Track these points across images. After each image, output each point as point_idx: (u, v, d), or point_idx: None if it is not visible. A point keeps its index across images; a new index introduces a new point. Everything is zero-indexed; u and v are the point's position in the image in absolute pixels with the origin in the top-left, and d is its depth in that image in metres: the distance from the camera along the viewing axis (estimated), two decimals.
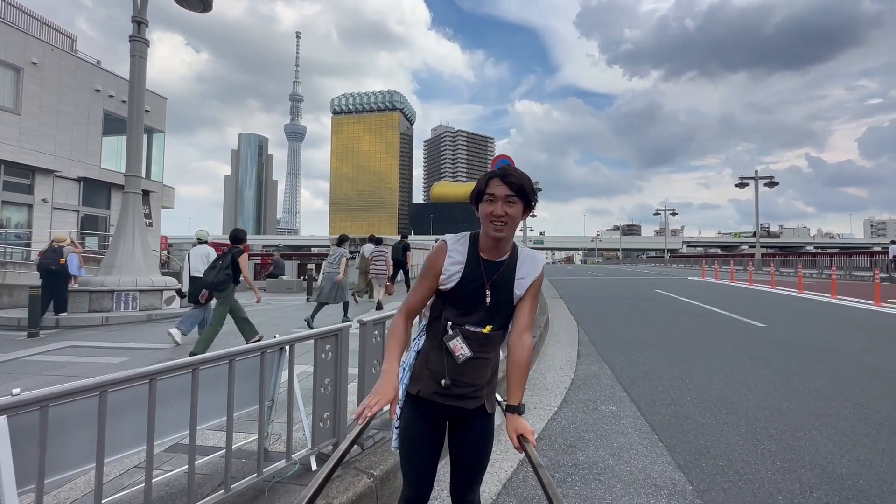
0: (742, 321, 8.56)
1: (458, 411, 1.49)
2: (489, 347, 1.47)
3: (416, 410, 1.51)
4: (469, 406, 1.48)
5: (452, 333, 1.44)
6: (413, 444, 1.52)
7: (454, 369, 1.44)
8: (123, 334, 7.14)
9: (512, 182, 1.39)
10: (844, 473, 2.70)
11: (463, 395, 1.46)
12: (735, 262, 32.29)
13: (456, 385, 1.45)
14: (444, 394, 1.45)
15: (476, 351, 1.44)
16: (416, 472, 1.54)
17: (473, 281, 1.44)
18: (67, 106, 17.65)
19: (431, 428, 1.52)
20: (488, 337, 1.45)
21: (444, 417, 1.53)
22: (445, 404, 1.47)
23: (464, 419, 1.52)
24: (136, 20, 9.54)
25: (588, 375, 5.01)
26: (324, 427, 2.53)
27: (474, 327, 1.44)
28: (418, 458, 1.53)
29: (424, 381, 1.48)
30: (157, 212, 21.82)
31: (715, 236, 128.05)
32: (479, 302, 1.44)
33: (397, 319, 1.50)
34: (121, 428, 1.82)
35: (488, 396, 1.52)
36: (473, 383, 1.47)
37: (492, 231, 1.42)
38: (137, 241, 9.53)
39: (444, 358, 1.45)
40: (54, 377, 4.61)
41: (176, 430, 2.08)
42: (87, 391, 1.63)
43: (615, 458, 2.97)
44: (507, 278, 1.46)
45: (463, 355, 1.43)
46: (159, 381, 1.84)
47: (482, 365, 1.47)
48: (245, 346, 2.20)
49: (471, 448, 1.54)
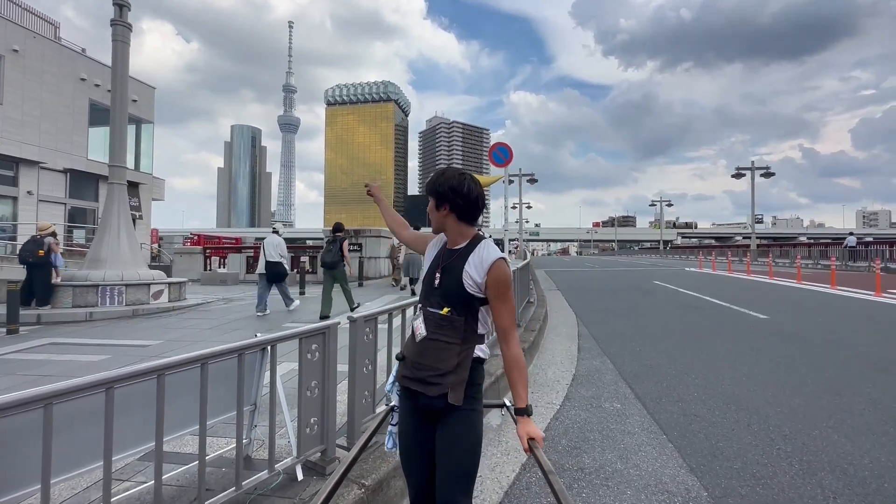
0: (743, 312, 8.43)
1: (427, 400, 1.50)
2: (448, 331, 1.50)
3: (403, 402, 1.60)
4: (430, 393, 1.49)
5: (417, 314, 1.61)
6: (407, 441, 1.57)
7: (414, 349, 1.54)
8: (107, 330, 6.88)
9: (428, 191, 1.61)
10: (867, 476, 2.54)
11: (423, 380, 1.50)
12: (731, 252, 32.30)
13: (415, 366, 1.52)
14: (409, 377, 1.54)
15: (432, 332, 1.51)
16: (413, 471, 1.57)
17: (433, 266, 1.60)
18: (51, 95, 17.15)
19: (422, 423, 1.55)
20: (446, 319, 1.50)
21: (423, 410, 1.53)
22: (412, 389, 1.53)
23: (437, 412, 1.51)
24: (117, 3, 9.14)
25: (590, 371, 4.83)
26: (310, 433, 2.32)
27: (433, 309, 1.53)
28: (413, 454, 1.56)
29: (398, 364, 1.62)
30: (147, 204, 21.41)
31: (710, 227, 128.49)
32: (433, 283, 1.56)
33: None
34: (83, 438, 1.61)
35: (454, 386, 1.48)
36: (433, 367, 1.49)
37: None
38: (123, 234, 9.22)
39: (409, 339, 1.60)
40: (29, 377, 4.37)
41: (150, 437, 1.87)
42: (32, 402, 1.41)
43: (623, 461, 2.79)
44: (457, 265, 1.53)
45: (420, 334, 1.53)
46: (128, 387, 1.63)
47: (441, 348, 1.50)
48: (221, 347, 1.98)
49: (447, 443, 1.49)
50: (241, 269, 16.52)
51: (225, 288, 13.84)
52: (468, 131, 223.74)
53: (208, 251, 18.33)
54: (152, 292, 9.04)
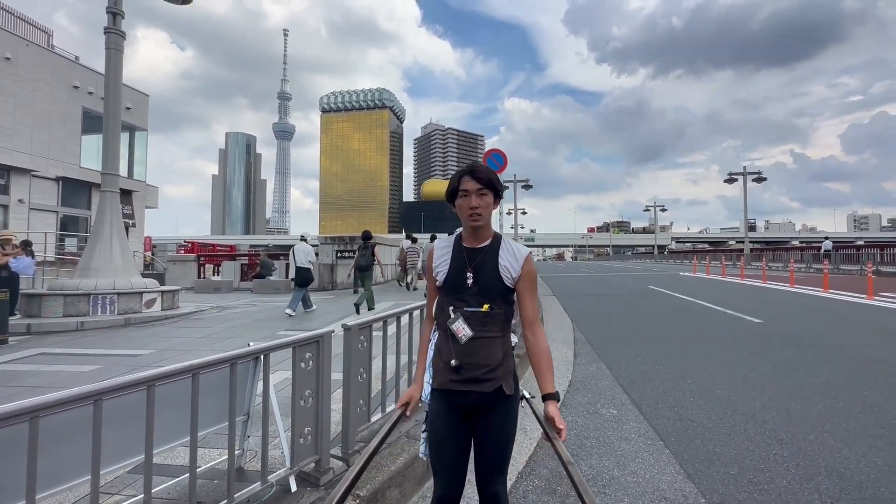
0: (738, 317, 8.46)
1: (479, 397, 1.51)
2: (492, 326, 1.52)
3: (440, 404, 1.58)
4: (486, 389, 1.50)
5: (454, 317, 1.53)
6: (440, 438, 1.57)
7: (461, 351, 1.51)
8: (99, 340, 6.79)
9: (480, 177, 1.55)
10: (864, 481, 2.54)
11: (477, 378, 1.50)
12: (725, 257, 32.51)
13: (467, 367, 1.50)
14: (459, 379, 1.51)
15: (478, 330, 1.50)
16: (445, 468, 1.56)
17: (458, 267, 1.58)
18: (44, 103, 17.06)
19: (457, 421, 1.56)
20: (488, 315, 1.52)
21: (467, 408, 1.55)
22: (463, 391, 1.52)
23: (485, 407, 1.54)
24: (111, 11, 9.13)
25: (586, 376, 4.82)
26: (304, 443, 2.29)
27: (472, 308, 1.52)
28: (445, 451, 1.56)
29: (440, 371, 1.57)
30: (141, 212, 21.28)
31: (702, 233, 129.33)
32: (465, 283, 1.55)
33: (423, 327, 1.72)
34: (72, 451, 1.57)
35: (505, 377, 1.53)
36: (485, 363, 1.50)
37: (470, 222, 1.56)
38: (115, 242, 9.13)
39: (450, 344, 1.53)
40: (18, 389, 4.29)
41: (139, 450, 1.83)
42: (17, 416, 1.38)
43: (620, 468, 2.77)
44: (490, 261, 1.56)
45: (465, 335, 1.51)
46: (118, 398, 1.60)
47: (488, 344, 1.51)
48: (212, 357, 1.95)
49: (493, 434, 1.55)
50: (236, 276, 16.41)
51: (219, 296, 13.73)
52: (463, 138, 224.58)
53: (202, 259, 18.22)
54: (145, 301, 8.95)
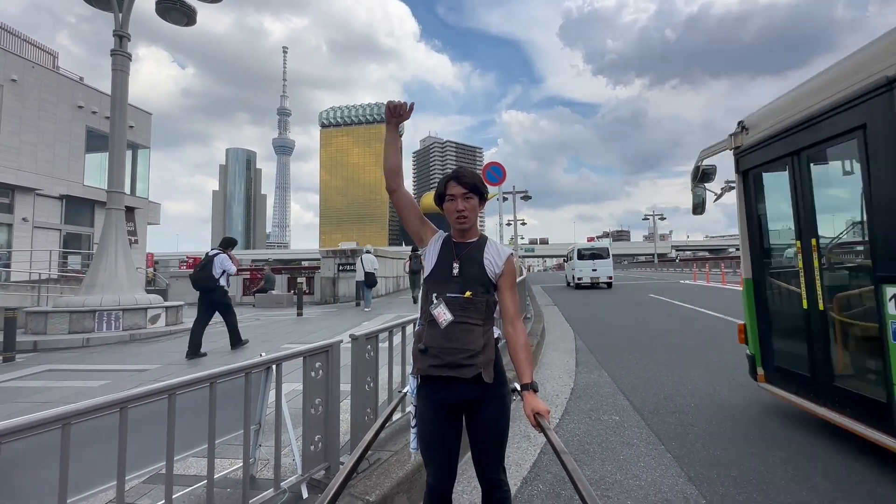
0: (737, 323, 8.49)
1: (462, 390, 1.57)
2: (472, 312, 1.59)
3: (426, 402, 1.64)
4: (465, 375, 1.54)
5: (436, 302, 1.62)
6: (430, 428, 1.62)
7: (440, 336, 1.58)
8: (105, 356, 6.85)
9: (465, 182, 1.67)
10: (860, 480, 2.60)
11: (457, 363, 1.54)
12: (725, 264, 32.57)
13: (446, 352, 1.55)
14: (439, 364, 1.56)
15: (458, 315, 1.58)
16: (434, 456, 1.61)
17: (445, 258, 1.69)
18: (49, 123, 17.32)
19: (442, 416, 1.61)
20: (470, 301, 1.60)
21: (452, 403, 1.60)
22: (443, 378, 1.56)
23: (472, 402, 1.60)
24: (117, 34, 9.39)
25: (588, 384, 4.88)
26: (315, 451, 2.36)
27: (454, 294, 1.61)
28: (433, 446, 1.61)
29: (419, 358, 1.62)
30: (143, 228, 21.41)
31: (703, 240, 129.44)
32: (451, 272, 1.64)
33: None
34: (93, 460, 1.65)
35: (485, 366, 1.57)
36: (464, 348, 1.55)
37: (457, 224, 1.69)
38: (121, 259, 9.24)
39: (430, 330, 1.61)
40: (26, 404, 4.36)
41: (158, 458, 1.91)
42: (48, 423, 1.47)
43: (622, 472, 2.83)
44: (475, 254, 1.68)
45: (445, 320, 1.58)
46: (133, 409, 1.68)
47: (468, 330, 1.57)
48: (228, 367, 2.04)
49: (486, 429, 1.62)
50: (238, 291, 16.47)
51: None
52: (461, 150, 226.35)
53: None
54: (149, 317, 9.02)
